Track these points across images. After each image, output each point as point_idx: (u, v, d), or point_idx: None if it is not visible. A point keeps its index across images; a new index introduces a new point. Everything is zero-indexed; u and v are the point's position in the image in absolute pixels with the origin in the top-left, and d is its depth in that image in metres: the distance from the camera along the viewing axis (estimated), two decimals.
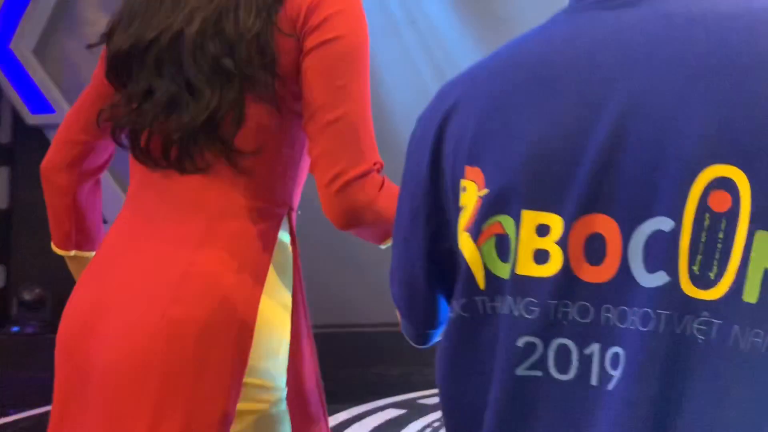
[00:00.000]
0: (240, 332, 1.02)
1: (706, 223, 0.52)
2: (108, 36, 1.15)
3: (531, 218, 0.60)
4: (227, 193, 1.08)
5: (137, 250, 1.10)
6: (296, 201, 1.16)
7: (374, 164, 1.07)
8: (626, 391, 0.55)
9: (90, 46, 1.22)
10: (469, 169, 0.65)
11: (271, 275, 1.08)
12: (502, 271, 0.62)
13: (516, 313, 0.61)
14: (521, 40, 0.70)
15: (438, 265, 0.71)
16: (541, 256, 0.59)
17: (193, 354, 1.00)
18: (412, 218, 0.73)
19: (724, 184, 0.52)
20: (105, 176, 1.34)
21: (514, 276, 0.61)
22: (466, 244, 0.65)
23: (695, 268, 0.53)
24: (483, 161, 0.64)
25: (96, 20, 4.97)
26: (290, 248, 1.13)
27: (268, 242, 1.09)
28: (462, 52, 6.28)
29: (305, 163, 1.13)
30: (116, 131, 1.13)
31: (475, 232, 0.64)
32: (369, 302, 6.38)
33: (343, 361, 5.94)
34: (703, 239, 0.53)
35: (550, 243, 0.59)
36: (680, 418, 0.53)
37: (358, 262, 6.50)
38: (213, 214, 1.07)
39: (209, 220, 1.07)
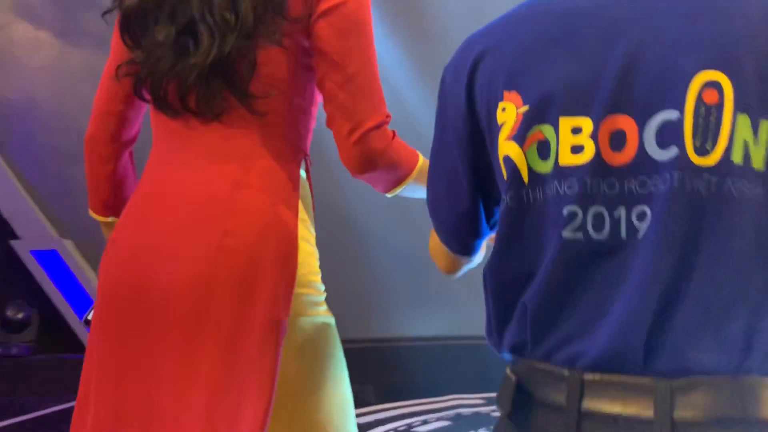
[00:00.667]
0: (286, 252, 1.15)
1: (702, 111, 0.74)
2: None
3: (567, 123, 0.79)
4: (250, 137, 1.19)
5: (176, 192, 1.19)
6: (308, 147, 1.31)
7: (386, 117, 1.23)
8: (654, 234, 0.74)
9: (105, 13, 1.28)
10: (507, 93, 0.84)
11: (300, 207, 1.23)
12: (543, 167, 0.81)
13: (561, 192, 0.80)
14: None
15: (479, 177, 0.91)
16: (577, 149, 0.79)
17: (247, 275, 1.11)
18: (457, 143, 0.92)
19: (713, 84, 0.73)
20: None
21: (557, 166, 0.80)
22: (512, 150, 0.83)
23: (697, 143, 0.73)
24: (521, 86, 0.82)
25: None
26: (308, 186, 1.29)
27: (295, 180, 1.24)
28: (394, 65, 6.21)
29: (314, 112, 1.28)
30: (137, 86, 1.23)
31: (520, 140, 0.82)
32: None
33: None
34: (701, 123, 0.74)
35: (584, 138, 0.78)
36: (695, 249, 0.72)
37: None
38: (242, 156, 1.18)
39: (240, 160, 1.18)
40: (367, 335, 6.31)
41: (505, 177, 0.85)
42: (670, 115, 0.75)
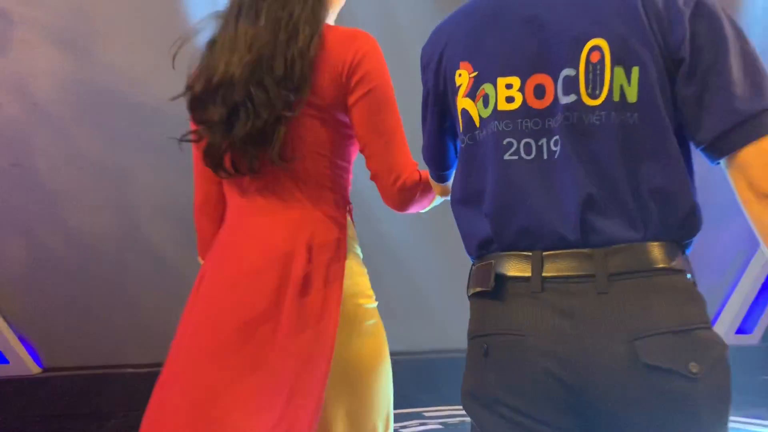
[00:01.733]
0: (335, 280, 1.47)
1: (590, 68, 1.03)
2: (189, 87, 1.70)
3: (502, 81, 1.11)
4: (300, 193, 1.57)
5: (246, 242, 1.54)
6: (349, 196, 1.67)
7: (415, 165, 1.60)
8: (564, 154, 1.05)
9: (175, 97, 1.75)
10: (462, 64, 1.17)
11: (348, 244, 1.57)
12: (486, 113, 1.13)
13: (500, 129, 1.11)
14: None
15: (444, 125, 1.28)
16: (510, 99, 1.10)
17: (307, 300, 1.45)
18: (429, 105, 1.28)
19: (597, 48, 1.03)
20: None
21: (496, 111, 1.12)
22: (467, 104, 1.16)
23: (588, 90, 1.05)
24: (471, 58, 1.16)
25: None
26: (353, 227, 1.64)
27: (342, 224, 1.59)
28: None
29: (351, 169, 1.66)
30: (205, 156, 1.64)
31: (472, 95, 1.15)
32: None
33: None
34: (590, 77, 1.03)
35: (514, 92, 1.09)
36: (594, 159, 1.03)
37: (187, 296, 6.41)
38: (308, 212, 1.55)
39: (301, 209, 1.55)
40: None
41: (461, 124, 1.21)
42: (570, 72, 1.09)
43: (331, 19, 1.71)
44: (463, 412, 1.14)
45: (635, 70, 1.02)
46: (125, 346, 5.95)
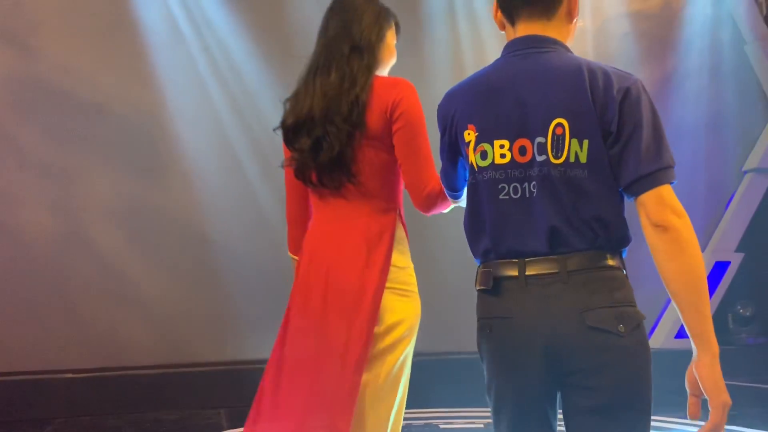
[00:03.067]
0: (385, 265, 2.08)
1: (555, 138, 1.44)
2: (282, 124, 2.25)
3: (497, 143, 1.50)
4: (365, 202, 2.14)
5: (329, 239, 2.14)
6: (401, 203, 2.20)
7: (438, 179, 1.99)
8: (539, 196, 1.46)
9: (276, 129, 2.32)
10: (469, 126, 1.56)
11: (396, 241, 2.14)
12: (485, 164, 1.53)
13: (496, 177, 1.51)
14: (482, 70, 1.63)
15: (455, 162, 1.69)
16: (502, 156, 1.50)
17: (375, 279, 2.07)
18: (445, 148, 1.68)
19: (560, 124, 1.44)
20: None
21: (493, 164, 1.51)
22: (472, 155, 1.56)
23: (553, 153, 1.45)
24: (475, 122, 1.55)
25: None
26: (403, 228, 2.18)
27: (393, 225, 2.13)
28: (261, 83, 6.43)
29: (401, 182, 2.19)
30: (296, 174, 2.21)
31: (474, 150, 1.55)
32: (150, 343, 5.98)
33: (118, 405, 5.42)
34: (554, 144, 1.44)
35: (505, 150, 1.49)
36: (557, 199, 1.44)
37: (133, 299, 6.08)
38: (368, 215, 2.13)
39: (372, 218, 2.12)
40: (222, 358, 6.14)
41: (469, 170, 1.61)
42: (542, 139, 1.50)
43: (384, 72, 2.29)
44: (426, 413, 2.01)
45: (585, 142, 1.46)
46: (65, 351, 5.80)
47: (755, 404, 5.46)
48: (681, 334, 7.20)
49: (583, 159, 1.45)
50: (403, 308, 2.09)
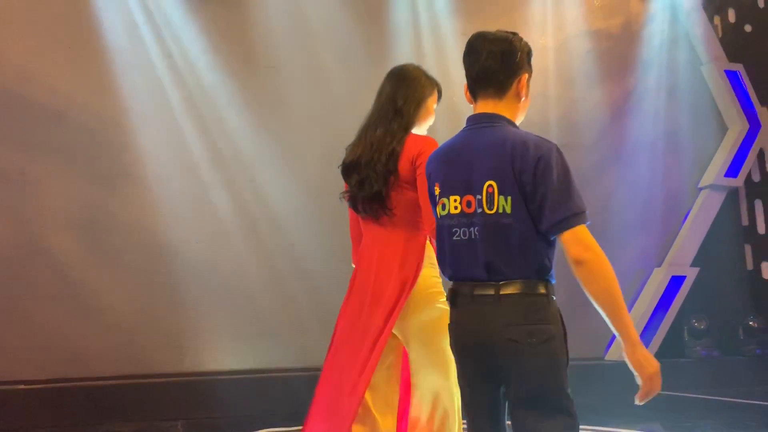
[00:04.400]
0: (414, 278, 2.63)
1: (487, 195, 1.89)
2: (343, 160, 2.82)
3: (451, 198, 1.97)
4: (399, 229, 2.69)
5: (373, 258, 2.72)
6: (427, 230, 2.69)
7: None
8: (479, 239, 1.90)
9: (338, 166, 2.87)
10: (436, 184, 2.05)
11: (426, 257, 2.67)
12: (443, 213, 1.99)
13: (451, 223, 1.96)
14: (449, 140, 2.08)
15: (435, 207, 2.09)
16: (455, 207, 1.95)
17: (405, 287, 2.62)
18: (431, 197, 2.12)
19: (491, 185, 1.89)
20: None
21: (449, 214, 1.97)
22: (437, 206, 2.04)
23: (486, 207, 1.89)
24: (439, 182, 2.03)
25: None
26: (432, 248, 2.64)
27: (422, 248, 2.67)
28: (223, 90, 6.44)
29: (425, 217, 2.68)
30: (350, 203, 2.81)
31: (437, 202, 2.04)
32: (107, 354, 5.89)
33: (73, 417, 5.31)
34: (488, 200, 1.89)
35: (457, 203, 1.95)
36: (491, 241, 1.88)
37: (89, 308, 6.00)
38: (398, 240, 2.68)
39: (398, 243, 2.68)
40: (180, 369, 6.06)
41: (437, 216, 2.07)
42: (479, 196, 1.91)
43: (422, 129, 2.85)
44: None
45: (509, 198, 1.86)
46: (18, 362, 5.66)
47: (707, 416, 5.58)
48: None
49: (508, 210, 1.85)
50: (428, 305, 2.68)
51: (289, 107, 6.70)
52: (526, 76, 2.03)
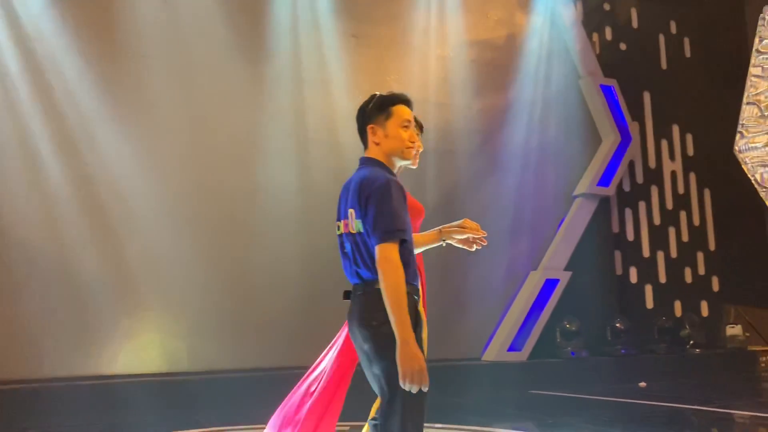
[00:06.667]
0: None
1: (350, 220, 2.36)
2: None
3: (338, 223, 2.43)
4: None
5: None
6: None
7: None
8: (350, 250, 2.37)
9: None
10: (337, 211, 2.50)
11: None
12: (339, 232, 2.42)
13: (341, 239, 2.41)
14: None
15: None
16: (338, 228, 2.42)
17: None
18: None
19: (350, 212, 2.38)
20: None
21: (342, 234, 2.41)
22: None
23: (350, 228, 2.36)
24: (337, 209, 2.47)
25: None
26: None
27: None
28: (83, 83, 6.13)
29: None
30: None
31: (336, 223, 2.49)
32: None
33: None
34: (350, 223, 2.36)
35: (341, 225, 2.40)
36: (358, 252, 2.34)
37: None
38: None
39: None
40: (37, 375, 5.71)
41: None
42: (347, 220, 2.35)
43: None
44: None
45: (359, 221, 2.30)
46: None
47: (575, 413, 5.83)
48: (512, 347, 7.60)
49: (361, 230, 2.31)
50: None
51: (155, 99, 6.47)
52: (374, 126, 2.43)
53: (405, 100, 2.42)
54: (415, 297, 2.31)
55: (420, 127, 2.85)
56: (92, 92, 6.17)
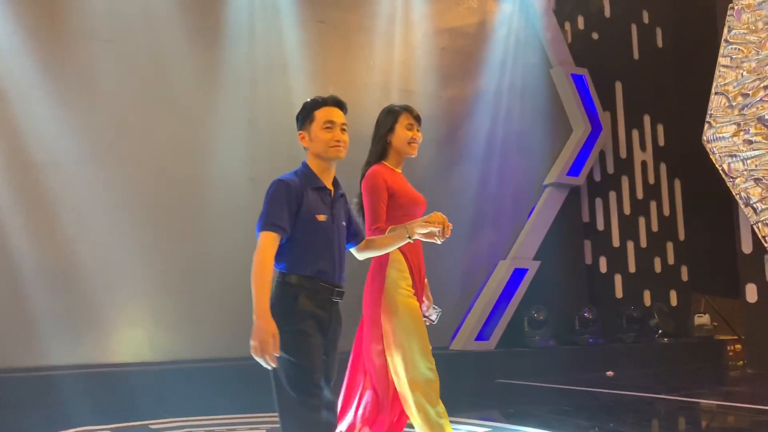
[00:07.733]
0: (381, 275, 2.87)
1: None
2: None
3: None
4: None
5: None
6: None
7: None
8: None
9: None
10: None
11: (392, 260, 2.88)
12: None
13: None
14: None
15: None
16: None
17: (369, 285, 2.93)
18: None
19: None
20: None
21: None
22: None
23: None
24: None
25: None
26: (400, 252, 2.89)
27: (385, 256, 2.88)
28: (26, 66, 5.92)
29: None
30: None
31: None
32: None
33: None
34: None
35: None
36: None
37: None
38: None
39: None
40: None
41: None
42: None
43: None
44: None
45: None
46: None
47: (543, 402, 5.83)
48: (480, 336, 7.58)
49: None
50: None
51: (105, 85, 6.30)
52: (302, 132, 2.51)
53: (328, 102, 2.47)
54: (306, 287, 2.37)
55: (418, 119, 3.06)
56: (36, 76, 5.97)
